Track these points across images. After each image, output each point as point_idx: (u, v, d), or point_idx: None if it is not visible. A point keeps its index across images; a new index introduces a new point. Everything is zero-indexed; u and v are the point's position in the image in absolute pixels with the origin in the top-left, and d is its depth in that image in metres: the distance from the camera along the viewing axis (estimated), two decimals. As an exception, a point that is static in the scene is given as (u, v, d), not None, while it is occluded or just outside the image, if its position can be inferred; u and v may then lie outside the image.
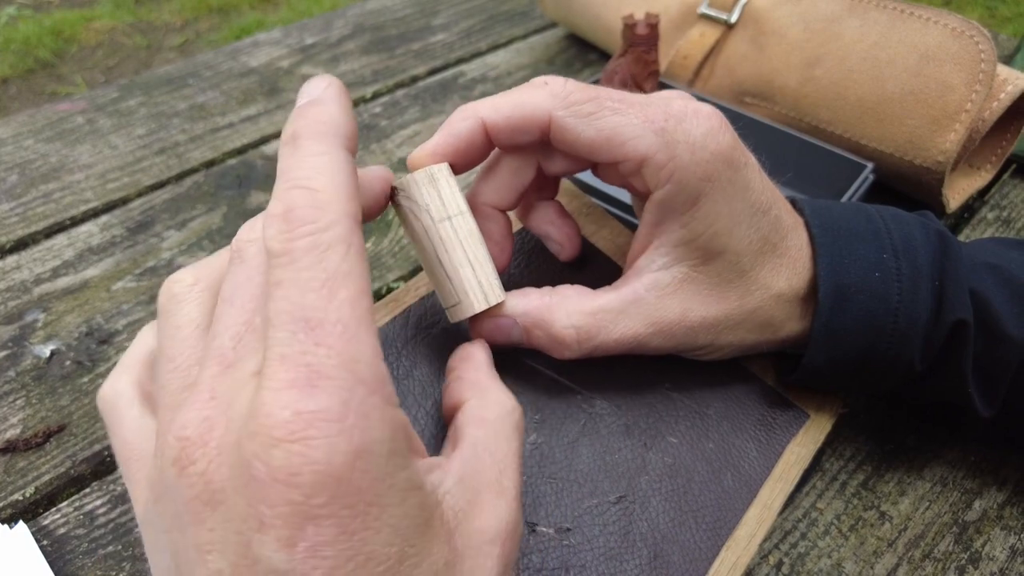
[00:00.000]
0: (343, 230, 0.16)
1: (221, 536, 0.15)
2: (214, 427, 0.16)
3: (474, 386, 0.22)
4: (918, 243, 0.26)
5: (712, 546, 0.24)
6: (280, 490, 0.14)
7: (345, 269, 0.16)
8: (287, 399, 0.15)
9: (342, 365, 0.15)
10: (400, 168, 0.47)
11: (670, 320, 0.25)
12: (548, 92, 0.23)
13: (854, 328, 0.25)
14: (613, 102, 0.23)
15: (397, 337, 0.26)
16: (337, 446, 0.14)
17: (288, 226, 0.16)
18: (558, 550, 0.23)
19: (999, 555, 0.28)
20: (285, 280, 0.16)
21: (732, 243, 0.24)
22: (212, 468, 0.16)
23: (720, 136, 0.23)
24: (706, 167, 0.23)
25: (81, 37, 1.88)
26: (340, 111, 0.19)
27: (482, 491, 0.19)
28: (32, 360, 0.35)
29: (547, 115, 0.23)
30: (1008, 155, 0.43)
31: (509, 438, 0.21)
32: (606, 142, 0.23)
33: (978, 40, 0.37)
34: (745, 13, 0.45)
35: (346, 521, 0.15)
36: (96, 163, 0.46)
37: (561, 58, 0.57)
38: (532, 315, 0.25)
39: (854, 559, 0.28)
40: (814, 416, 0.28)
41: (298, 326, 0.15)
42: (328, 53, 0.58)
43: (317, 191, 0.17)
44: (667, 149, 0.23)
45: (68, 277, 0.39)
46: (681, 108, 0.23)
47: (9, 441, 0.31)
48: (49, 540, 0.28)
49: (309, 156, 0.18)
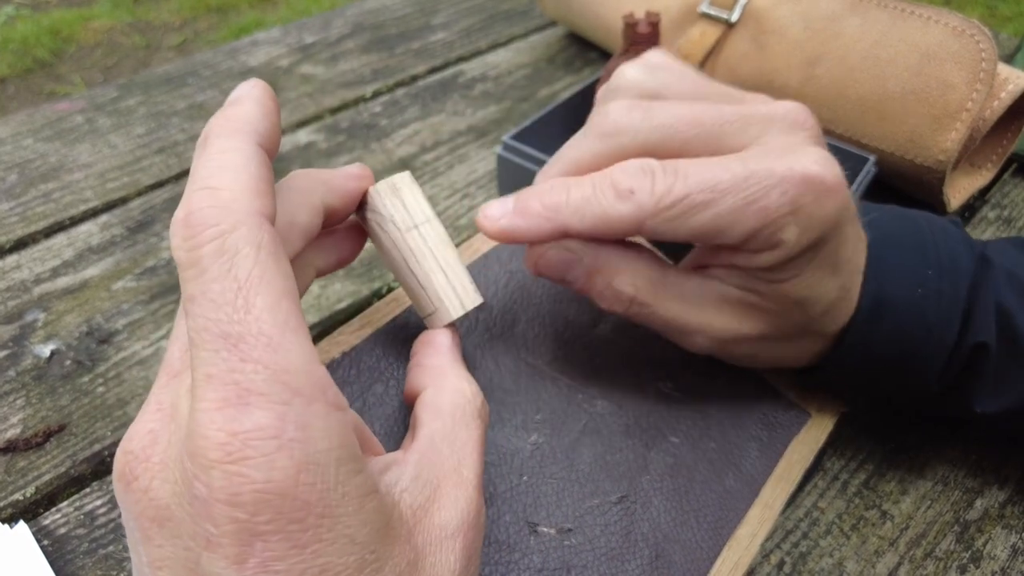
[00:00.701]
0: (249, 231, 0.16)
1: (171, 553, 0.15)
2: (157, 440, 0.16)
3: (432, 372, 0.22)
4: (962, 264, 0.25)
5: (714, 546, 0.24)
6: (223, 510, 0.14)
7: (257, 274, 0.15)
8: (220, 420, 0.14)
9: (273, 379, 0.15)
10: (400, 166, 0.47)
11: (724, 327, 0.24)
12: (635, 204, 0.21)
13: (886, 340, 0.25)
14: (704, 193, 0.21)
15: (398, 336, 0.26)
16: (276, 463, 0.14)
17: (190, 231, 0.15)
18: (559, 550, 0.23)
19: (1000, 554, 0.28)
20: (197, 295, 0.15)
21: (813, 296, 0.24)
22: (155, 484, 0.16)
23: (832, 199, 0.21)
24: (812, 236, 0.22)
25: (79, 37, 1.88)
26: (256, 108, 0.18)
27: (441, 484, 0.19)
28: (32, 360, 0.35)
29: (636, 227, 0.22)
30: (1009, 154, 0.43)
31: (468, 426, 0.20)
32: (705, 237, 0.22)
33: (979, 39, 0.37)
34: (746, 12, 0.45)
35: (295, 535, 0.14)
36: (95, 162, 0.46)
37: (561, 57, 0.57)
38: (601, 259, 0.24)
39: (856, 558, 0.28)
40: (815, 416, 0.28)
41: (219, 343, 0.15)
42: (327, 52, 0.58)
43: (219, 190, 0.16)
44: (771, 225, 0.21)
45: (68, 277, 0.39)
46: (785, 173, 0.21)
47: (9, 441, 0.31)
48: (49, 540, 0.28)
49: (214, 154, 0.17)
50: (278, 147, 0.19)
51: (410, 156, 0.48)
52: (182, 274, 0.15)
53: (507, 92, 0.54)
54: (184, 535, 0.15)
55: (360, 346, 0.25)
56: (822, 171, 0.21)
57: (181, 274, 0.16)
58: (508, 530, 0.23)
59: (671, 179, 0.21)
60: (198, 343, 0.15)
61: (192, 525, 0.15)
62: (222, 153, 0.17)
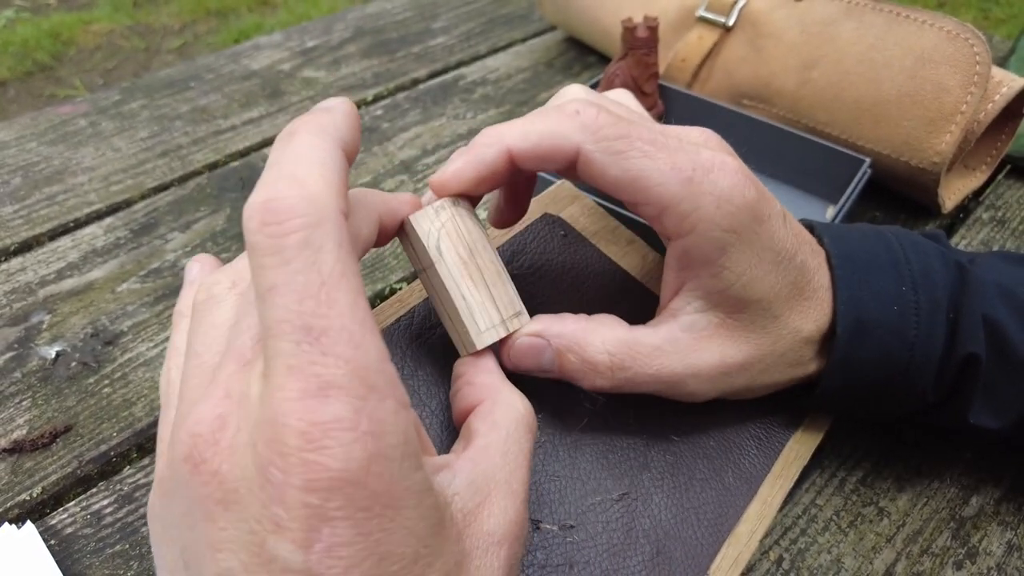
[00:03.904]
0: (334, 228, 0.16)
1: (234, 535, 0.15)
2: (226, 426, 0.16)
3: (485, 389, 0.22)
4: (937, 275, 0.26)
5: (713, 542, 0.24)
6: (297, 495, 0.14)
7: (340, 270, 0.15)
8: (301, 409, 0.15)
9: (352, 374, 0.15)
10: (401, 170, 0.47)
11: (708, 363, 0.25)
12: (579, 123, 0.23)
13: (870, 361, 0.25)
14: (644, 143, 0.23)
15: (402, 337, 0.26)
16: (352, 453, 0.15)
17: (274, 217, 0.15)
18: (562, 546, 0.23)
19: (996, 550, 0.28)
20: (279, 284, 0.15)
21: (763, 292, 0.24)
22: (225, 468, 0.16)
23: (746, 190, 0.23)
24: (731, 220, 0.23)
25: (79, 39, 1.88)
26: (343, 118, 0.19)
27: (492, 492, 0.19)
28: (38, 361, 0.35)
29: (576, 148, 0.23)
30: (1003, 156, 0.44)
31: (520, 440, 0.21)
32: (631, 184, 0.23)
33: (973, 42, 0.38)
34: (742, 16, 0.45)
35: (362, 522, 0.15)
36: (99, 165, 0.47)
37: (560, 61, 0.58)
38: (567, 337, 0.24)
39: (853, 554, 0.28)
40: (813, 414, 0.29)
41: (300, 335, 0.15)
42: (329, 56, 0.58)
43: (306, 183, 0.16)
44: (692, 199, 0.23)
45: (73, 279, 0.39)
46: (709, 159, 0.23)
47: (16, 442, 0.32)
48: (57, 540, 0.28)
49: (302, 147, 0.17)
50: (354, 160, 0.19)
51: (411, 159, 0.48)
52: (258, 259, 0.15)
53: (507, 96, 0.54)
54: (250, 518, 0.15)
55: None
56: (736, 164, 0.24)
57: (256, 259, 0.15)
58: (511, 527, 0.23)
59: (617, 117, 0.23)
60: (277, 333, 0.15)
61: (260, 509, 0.15)
62: (311, 148, 0.17)
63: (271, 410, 0.15)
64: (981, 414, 0.26)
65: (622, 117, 0.23)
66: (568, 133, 0.23)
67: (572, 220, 0.31)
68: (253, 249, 0.16)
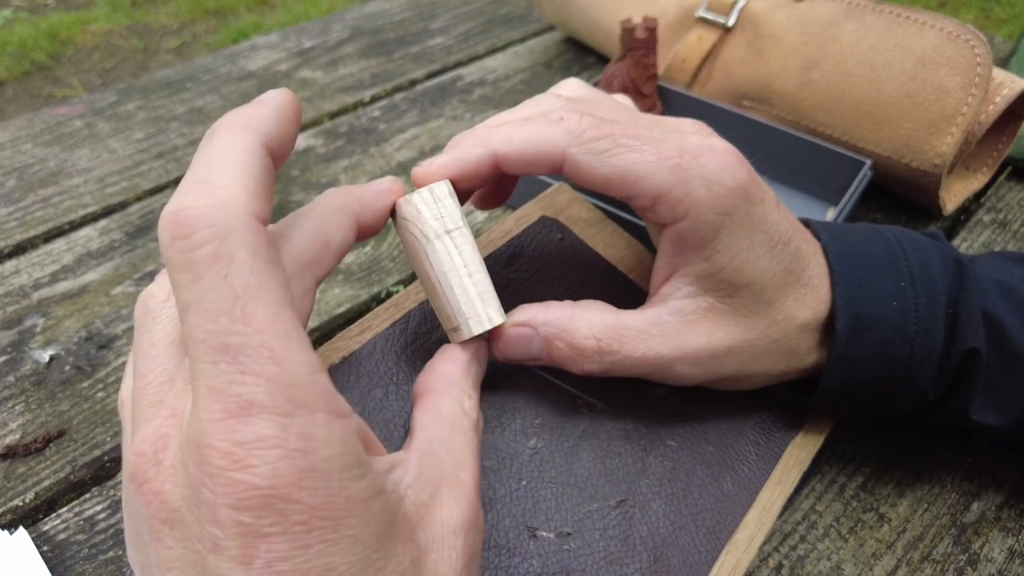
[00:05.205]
0: (245, 235, 0.15)
1: (180, 554, 0.16)
2: (169, 444, 0.16)
3: (440, 378, 0.22)
4: (936, 271, 0.26)
5: (712, 549, 0.24)
6: (229, 513, 0.14)
7: (255, 283, 0.15)
8: (224, 430, 0.14)
9: (274, 391, 0.15)
10: (399, 171, 0.47)
11: (696, 346, 0.25)
12: (563, 129, 0.23)
13: (870, 358, 0.25)
14: (628, 139, 0.23)
15: (397, 342, 0.26)
16: (279, 470, 0.14)
17: (182, 230, 0.15)
18: (558, 555, 0.23)
19: (997, 557, 0.28)
20: (192, 303, 0.15)
21: (756, 275, 0.24)
22: (168, 487, 0.16)
23: (736, 171, 0.23)
24: (723, 202, 0.23)
25: (77, 40, 1.88)
26: (272, 111, 0.18)
27: (441, 484, 0.19)
28: (31, 365, 0.35)
29: (561, 153, 0.23)
30: (1004, 158, 0.44)
31: (465, 434, 0.21)
32: (620, 179, 0.23)
33: (974, 44, 0.38)
34: (743, 17, 0.45)
35: (299, 536, 0.15)
36: (95, 167, 0.46)
37: (559, 61, 0.58)
38: (554, 325, 0.24)
39: (853, 561, 0.28)
40: (812, 419, 0.28)
41: (217, 355, 0.15)
42: (326, 57, 0.58)
43: (216, 190, 0.15)
44: (682, 185, 0.23)
45: (67, 282, 0.39)
46: (696, 144, 0.23)
47: (9, 447, 0.31)
48: (49, 546, 0.28)
49: (218, 148, 0.16)
50: (287, 155, 0.19)
51: (409, 160, 0.48)
52: (173, 276, 0.15)
53: (505, 96, 0.54)
54: (192, 537, 0.15)
55: (360, 351, 0.25)
56: (725, 146, 0.24)
57: (172, 275, 0.15)
58: (507, 534, 0.23)
59: (599, 119, 0.23)
60: (196, 355, 0.15)
61: (199, 528, 0.15)
62: (227, 148, 0.16)
63: (197, 431, 0.15)
64: (984, 411, 0.26)
65: (604, 118, 0.24)
66: (552, 138, 0.23)
67: (570, 223, 0.31)
68: (168, 264, 0.15)
